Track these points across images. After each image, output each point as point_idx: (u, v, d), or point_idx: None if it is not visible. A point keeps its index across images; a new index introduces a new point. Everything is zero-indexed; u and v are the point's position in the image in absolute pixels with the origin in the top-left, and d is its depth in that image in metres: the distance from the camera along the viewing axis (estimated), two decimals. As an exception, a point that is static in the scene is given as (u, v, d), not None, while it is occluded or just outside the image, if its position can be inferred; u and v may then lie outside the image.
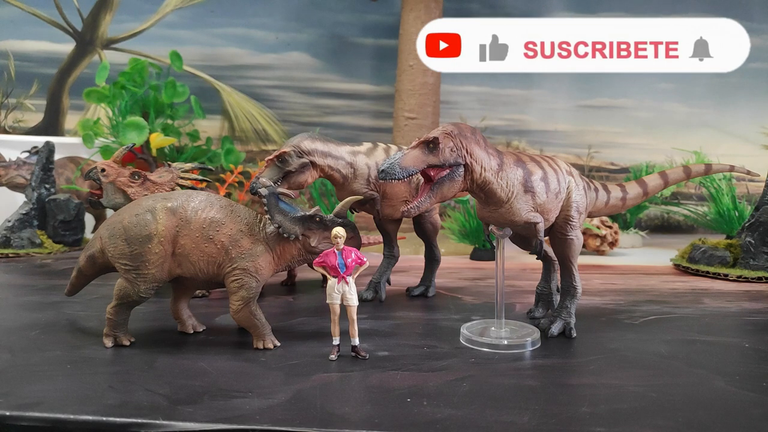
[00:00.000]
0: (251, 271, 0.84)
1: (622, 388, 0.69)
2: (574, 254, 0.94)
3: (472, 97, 2.90)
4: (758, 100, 2.78)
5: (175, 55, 2.39)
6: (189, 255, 0.84)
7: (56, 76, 2.75)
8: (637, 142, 2.88)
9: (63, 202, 1.87)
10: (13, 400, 0.65)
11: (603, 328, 0.98)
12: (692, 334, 0.95)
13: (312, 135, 1.10)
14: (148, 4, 2.85)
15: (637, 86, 2.85)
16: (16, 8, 2.73)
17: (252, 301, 0.85)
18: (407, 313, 1.10)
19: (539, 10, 2.78)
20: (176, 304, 0.93)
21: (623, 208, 1.09)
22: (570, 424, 0.59)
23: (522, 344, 0.85)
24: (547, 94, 2.90)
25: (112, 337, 0.86)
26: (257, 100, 2.89)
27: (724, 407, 0.64)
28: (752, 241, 1.50)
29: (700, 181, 2.21)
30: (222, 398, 0.65)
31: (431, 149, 0.80)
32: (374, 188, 1.13)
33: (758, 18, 2.66)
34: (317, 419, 0.60)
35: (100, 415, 0.60)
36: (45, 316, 1.04)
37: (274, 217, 0.84)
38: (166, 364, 0.78)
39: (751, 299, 1.24)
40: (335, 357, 0.80)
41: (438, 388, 0.69)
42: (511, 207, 0.85)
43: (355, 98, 2.91)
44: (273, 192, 0.85)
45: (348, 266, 0.79)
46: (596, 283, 1.44)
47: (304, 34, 2.89)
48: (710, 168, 1.18)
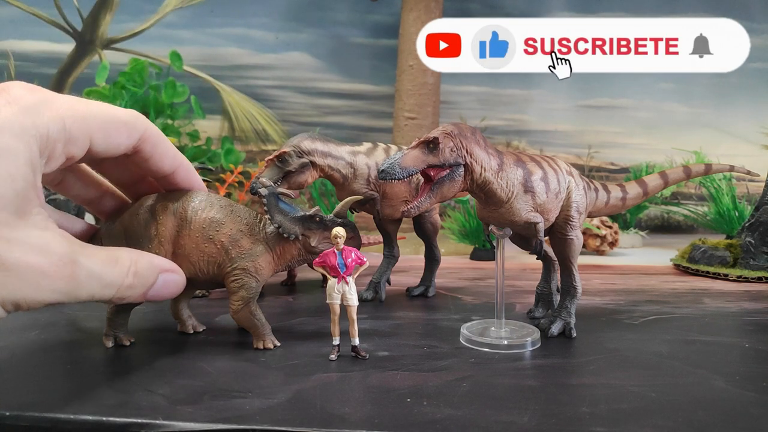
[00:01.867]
0: (251, 271, 0.84)
1: (622, 388, 0.69)
2: (574, 254, 0.94)
3: (472, 97, 2.90)
4: (758, 100, 2.78)
5: (175, 55, 2.39)
6: (189, 255, 0.84)
7: (56, 76, 2.75)
8: (637, 142, 2.88)
9: (63, 202, 1.87)
10: (13, 400, 0.65)
11: (603, 328, 0.98)
12: (692, 334, 0.95)
13: (312, 135, 1.10)
14: (148, 4, 2.85)
15: (637, 86, 2.85)
16: (17, 8, 2.73)
17: (252, 301, 0.85)
18: (407, 313, 1.10)
19: (539, 10, 2.78)
20: (176, 304, 0.93)
21: (623, 208, 1.09)
22: (570, 424, 0.59)
23: (522, 344, 0.85)
24: (547, 94, 2.90)
25: (112, 337, 0.86)
26: (257, 100, 2.89)
27: (724, 407, 0.64)
28: (752, 241, 1.50)
29: (700, 181, 2.21)
30: (222, 398, 0.65)
31: (431, 149, 0.80)
32: (374, 188, 1.13)
33: (758, 18, 2.66)
34: (317, 419, 0.60)
35: (100, 415, 0.60)
36: (45, 316, 1.04)
37: (274, 217, 0.83)
38: (166, 364, 0.78)
39: (751, 299, 1.24)
40: (335, 357, 0.80)
41: (438, 388, 0.69)
42: (511, 207, 0.85)
43: (355, 98, 2.91)
44: (273, 192, 0.85)
45: (348, 266, 0.79)
46: (596, 283, 1.44)
47: (304, 34, 2.89)
48: (710, 168, 1.18)
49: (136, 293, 0.72)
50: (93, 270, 0.64)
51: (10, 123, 0.57)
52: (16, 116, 0.57)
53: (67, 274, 0.60)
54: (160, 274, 0.75)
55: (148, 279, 0.73)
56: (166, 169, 0.81)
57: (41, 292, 0.59)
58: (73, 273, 0.61)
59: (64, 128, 0.61)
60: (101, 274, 0.65)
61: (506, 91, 2.90)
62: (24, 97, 0.59)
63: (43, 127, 0.59)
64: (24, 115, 0.58)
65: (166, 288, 0.77)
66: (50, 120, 0.60)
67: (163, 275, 0.76)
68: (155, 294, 0.76)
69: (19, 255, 0.56)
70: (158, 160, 0.79)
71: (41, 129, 0.59)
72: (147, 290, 0.73)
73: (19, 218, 0.57)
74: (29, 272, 0.57)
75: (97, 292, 0.65)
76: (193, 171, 0.86)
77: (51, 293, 0.59)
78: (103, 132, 0.68)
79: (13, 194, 0.56)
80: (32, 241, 0.57)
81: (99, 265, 0.65)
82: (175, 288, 0.79)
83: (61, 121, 0.61)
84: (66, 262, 0.60)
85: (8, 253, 0.55)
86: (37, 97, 0.60)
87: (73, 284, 0.61)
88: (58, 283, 0.60)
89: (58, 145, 0.62)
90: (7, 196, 0.55)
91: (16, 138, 0.57)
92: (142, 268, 0.72)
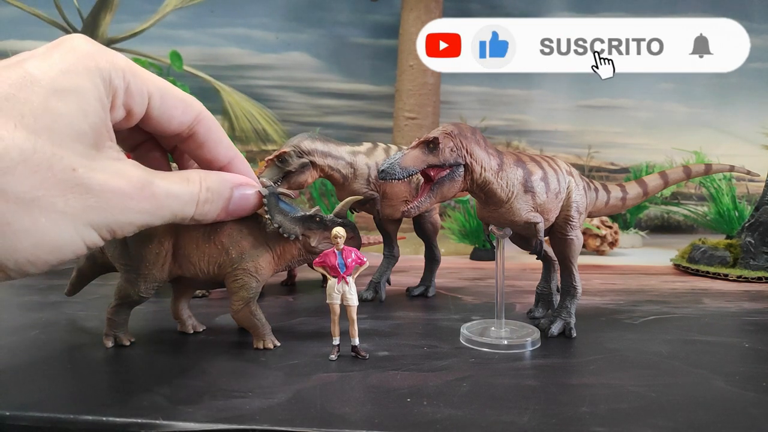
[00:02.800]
0: (251, 272, 0.84)
1: (622, 388, 0.69)
2: (574, 254, 0.94)
3: (472, 97, 2.90)
4: (758, 100, 2.79)
5: (175, 55, 2.39)
6: (190, 256, 0.84)
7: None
8: (637, 142, 2.88)
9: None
10: (13, 400, 0.65)
11: (603, 328, 0.98)
12: (692, 334, 0.95)
13: (312, 135, 1.10)
14: (148, 4, 2.85)
15: (637, 86, 2.85)
16: (17, 8, 2.73)
17: (252, 301, 0.85)
18: (407, 313, 1.10)
19: (539, 10, 2.78)
20: (176, 304, 0.93)
21: (623, 208, 1.09)
22: (570, 424, 0.59)
23: (522, 344, 0.85)
24: (547, 94, 2.91)
25: (112, 337, 0.86)
26: (257, 100, 2.89)
27: (724, 407, 0.64)
28: (752, 241, 1.50)
29: (700, 181, 2.21)
30: (222, 398, 0.65)
31: (431, 149, 0.80)
32: (374, 188, 1.13)
33: (758, 18, 2.67)
34: (317, 419, 0.60)
35: (100, 415, 0.60)
36: (45, 316, 1.04)
37: (274, 217, 0.83)
38: (166, 364, 0.78)
39: (751, 299, 1.24)
40: (335, 357, 0.80)
41: (438, 388, 0.69)
42: (511, 207, 0.85)
43: (355, 98, 2.91)
44: (273, 192, 0.85)
45: (348, 266, 0.79)
46: (596, 283, 1.44)
47: (304, 34, 2.89)
48: (710, 168, 1.18)
49: (216, 208, 0.75)
50: (170, 189, 0.68)
51: (76, 66, 0.60)
52: (80, 59, 0.61)
53: (148, 194, 0.64)
54: (234, 189, 0.78)
55: (223, 193, 0.76)
56: (221, 159, 0.80)
57: (129, 213, 0.62)
58: (153, 193, 0.65)
59: (123, 77, 0.65)
60: (178, 192, 0.69)
61: (506, 91, 2.90)
62: (84, 45, 0.63)
63: (105, 71, 0.62)
64: (87, 59, 0.61)
65: (245, 200, 0.80)
66: (111, 67, 0.63)
67: (238, 189, 0.79)
68: (236, 207, 0.79)
69: (102, 180, 0.59)
70: (213, 147, 0.79)
71: (104, 72, 0.62)
72: (226, 204, 0.77)
73: (96, 150, 0.60)
74: (113, 195, 0.60)
75: (179, 209, 0.69)
76: (249, 167, 0.85)
77: (138, 214, 0.63)
78: (160, 97, 0.70)
79: (88, 128, 0.59)
80: (111, 168, 0.61)
81: (174, 184, 0.69)
82: (254, 200, 0.82)
83: (121, 71, 0.64)
84: (144, 183, 0.64)
85: (92, 180, 0.58)
86: (96, 47, 0.64)
87: (155, 203, 0.65)
88: (142, 203, 0.63)
89: (119, 92, 0.65)
90: (83, 129, 0.59)
91: (84, 78, 0.60)
92: (214, 183, 0.75)
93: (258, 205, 0.82)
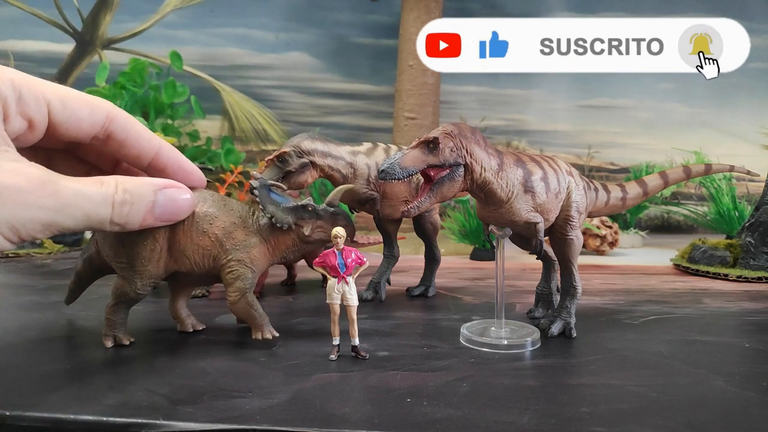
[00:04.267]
0: (246, 262, 0.85)
1: (622, 388, 0.69)
2: (574, 254, 0.94)
3: (472, 97, 2.90)
4: (758, 100, 2.79)
5: (175, 55, 2.39)
6: (184, 250, 0.84)
7: (56, 76, 2.75)
8: (637, 142, 2.88)
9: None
10: (13, 400, 0.65)
11: (603, 328, 0.98)
12: (692, 334, 0.95)
13: (312, 135, 1.10)
14: (148, 4, 2.85)
15: (637, 86, 2.85)
16: (17, 8, 2.73)
17: (248, 291, 0.85)
18: (407, 313, 1.10)
19: (539, 10, 2.78)
20: (174, 303, 0.93)
21: (623, 208, 1.09)
22: (570, 424, 0.59)
23: (522, 344, 0.85)
24: (547, 94, 2.91)
25: (111, 337, 0.86)
26: (257, 100, 2.90)
27: (724, 407, 0.64)
28: (752, 241, 1.50)
29: (700, 181, 2.21)
30: (222, 398, 0.65)
31: (431, 149, 0.80)
32: (374, 188, 1.13)
33: (758, 18, 2.67)
34: (317, 419, 0.60)
35: (100, 415, 0.60)
36: (45, 316, 1.04)
37: (266, 207, 0.84)
38: (166, 364, 0.78)
39: (751, 299, 1.24)
40: (335, 357, 0.80)
41: (438, 388, 0.69)
42: (511, 207, 0.85)
43: (355, 98, 2.91)
44: (263, 184, 0.86)
45: (348, 266, 0.79)
46: (596, 283, 1.44)
47: (304, 34, 2.89)
48: (710, 168, 1.18)
49: (138, 211, 0.71)
50: (78, 188, 0.65)
51: None
52: None
53: (50, 191, 0.61)
54: (158, 192, 0.74)
55: (144, 195, 0.72)
56: (147, 151, 0.78)
57: (29, 209, 0.60)
58: (56, 190, 0.62)
59: (13, 87, 0.63)
60: (88, 192, 0.66)
61: (506, 91, 2.90)
62: None
63: None
64: None
65: (173, 204, 0.76)
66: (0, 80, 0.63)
67: (164, 191, 0.75)
68: (164, 211, 0.75)
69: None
70: (134, 142, 0.76)
71: None
72: (150, 208, 0.73)
73: None
74: (8, 191, 0.59)
75: (92, 210, 0.66)
76: (179, 153, 0.82)
77: (40, 210, 0.61)
78: (62, 102, 0.68)
79: None
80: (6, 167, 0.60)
81: (84, 185, 0.66)
82: (184, 204, 0.78)
83: (9, 81, 0.63)
84: (45, 180, 0.62)
85: None
86: None
87: (60, 201, 0.62)
88: (43, 199, 0.61)
89: (10, 101, 0.63)
90: None
91: None
92: (132, 186, 0.71)
93: (191, 208, 0.80)
